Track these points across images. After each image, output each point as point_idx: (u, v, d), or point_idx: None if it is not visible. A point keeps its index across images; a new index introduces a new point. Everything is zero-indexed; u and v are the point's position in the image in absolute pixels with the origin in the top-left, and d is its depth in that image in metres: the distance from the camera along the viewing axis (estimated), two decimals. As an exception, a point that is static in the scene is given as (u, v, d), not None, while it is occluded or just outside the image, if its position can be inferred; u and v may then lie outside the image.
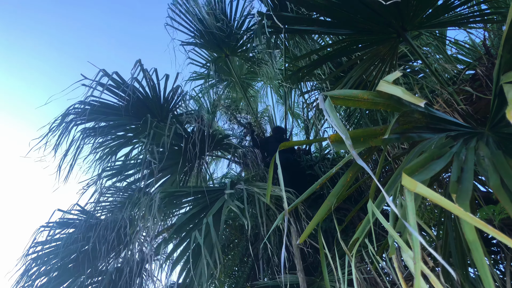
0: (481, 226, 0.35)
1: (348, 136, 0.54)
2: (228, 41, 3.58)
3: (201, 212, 2.31)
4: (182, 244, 2.20)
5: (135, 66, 2.79)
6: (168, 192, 2.32)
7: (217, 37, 3.52)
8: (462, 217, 0.36)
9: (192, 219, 2.26)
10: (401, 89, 0.66)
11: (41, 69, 7.24)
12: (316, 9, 1.93)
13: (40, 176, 2.98)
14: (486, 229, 0.34)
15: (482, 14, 1.89)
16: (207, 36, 3.50)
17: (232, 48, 3.67)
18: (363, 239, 0.74)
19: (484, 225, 0.34)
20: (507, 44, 0.87)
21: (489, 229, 0.34)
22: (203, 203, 2.34)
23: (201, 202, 2.35)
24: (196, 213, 2.29)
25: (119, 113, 2.83)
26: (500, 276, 2.02)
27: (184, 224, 2.20)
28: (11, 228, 7.79)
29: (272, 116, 4.61)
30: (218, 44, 3.61)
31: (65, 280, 2.91)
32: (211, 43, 3.62)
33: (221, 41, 3.58)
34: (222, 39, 3.55)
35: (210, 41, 3.59)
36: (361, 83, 2.28)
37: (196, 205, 2.36)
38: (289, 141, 0.85)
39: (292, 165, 3.17)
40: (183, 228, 2.22)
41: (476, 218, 0.35)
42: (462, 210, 0.35)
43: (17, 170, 4.95)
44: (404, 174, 0.47)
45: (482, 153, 0.72)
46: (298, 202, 0.95)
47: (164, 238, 2.26)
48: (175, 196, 2.38)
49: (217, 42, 3.58)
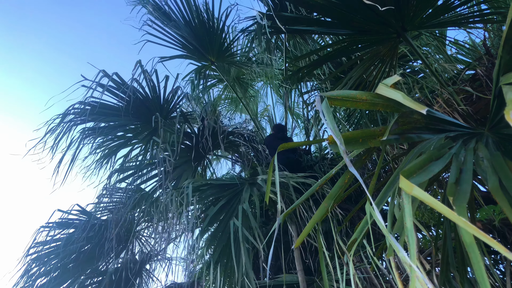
0: (476, 233, 0.35)
1: (343, 141, 0.54)
2: (212, 48, 3.47)
3: (228, 203, 2.38)
4: (218, 234, 2.26)
5: (135, 67, 2.79)
6: (195, 186, 2.38)
7: (197, 47, 3.41)
8: (457, 222, 0.36)
9: (222, 210, 2.32)
10: (401, 94, 0.66)
11: (41, 69, 7.25)
12: (316, 9, 1.93)
13: (40, 176, 2.98)
14: (481, 236, 0.34)
15: (482, 14, 1.89)
16: (189, 46, 3.40)
17: (217, 54, 3.56)
18: (361, 240, 0.74)
19: (478, 231, 0.34)
20: (506, 45, 0.86)
21: (484, 236, 0.34)
22: (227, 195, 2.41)
23: (226, 194, 2.42)
24: (224, 204, 2.35)
25: (119, 113, 2.84)
26: (500, 276, 2.02)
27: (215, 215, 2.26)
28: (11, 228, 7.80)
29: (272, 116, 4.62)
30: (201, 53, 3.49)
31: (65, 280, 2.91)
32: (193, 53, 3.52)
33: (204, 49, 3.47)
34: (205, 47, 3.44)
35: (192, 51, 3.49)
36: (361, 83, 2.28)
37: (222, 197, 2.43)
38: (288, 143, 0.85)
39: (294, 164, 3.17)
40: (215, 219, 2.28)
41: (470, 224, 0.35)
42: (457, 216, 0.35)
43: (17, 170, 4.95)
44: (402, 177, 0.47)
45: (481, 154, 0.72)
46: (296, 204, 0.95)
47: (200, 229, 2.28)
48: (201, 190, 2.45)
49: (199, 51, 3.47)
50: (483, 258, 1.20)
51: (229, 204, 2.36)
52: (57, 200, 6.72)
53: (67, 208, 3.22)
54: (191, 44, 3.40)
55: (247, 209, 2.06)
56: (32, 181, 7.06)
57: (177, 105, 3.14)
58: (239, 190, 2.42)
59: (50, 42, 7.26)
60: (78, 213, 3.26)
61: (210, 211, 2.26)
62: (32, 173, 4.16)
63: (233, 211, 2.27)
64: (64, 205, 4.91)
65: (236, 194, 2.41)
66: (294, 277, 2.21)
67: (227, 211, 2.32)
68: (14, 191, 5.97)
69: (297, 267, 2.11)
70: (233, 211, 2.27)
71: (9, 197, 6.23)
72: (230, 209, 2.32)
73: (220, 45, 3.48)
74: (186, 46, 3.45)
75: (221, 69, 3.84)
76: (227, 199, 2.38)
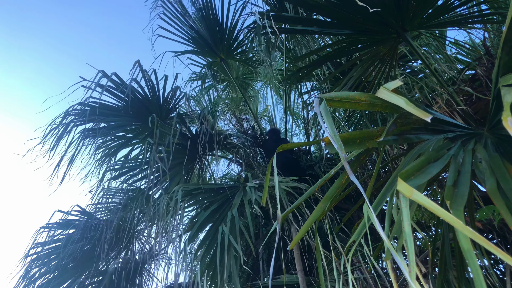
0: (475, 237, 0.34)
1: (341, 143, 0.54)
2: (222, 45, 3.53)
3: (220, 208, 2.33)
4: (207, 240, 2.21)
5: (134, 67, 2.79)
6: (186, 191, 2.34)
7: (209, 42, 3.47)
8: (456, 227, 0.36)
9: (213, 215, 2.27)
10: (404, 100, 0.65)
11: (40, 69, 7.25)
12: (316, 9, 1.92)
13: (40, 177, 2.98)
14: (479, 240, 0.34)
15: (482, 15, 1.89)
16: (200, 41, 3.46)
17: (227, 51, 3.62)
18: (359, 241, 0.74)
19: (478, 236, 0.34)
20: (505, 46, 0.86)
21: (483, 241, 0.34)
22: (220, 200, 2.36)
23: (218, 198, 2.37)
24: (216, 209, 2.30)
25: (118, 113, 2.84)
26: (500, 276, 2.02)
27: (205, 220, 2.22)
28: (11, 229, 7.81)
29: (272, 116, 4.61)
30: (211, 48, 3.55)
31: (65, 280, 2.92)
32: (204, 49, 3.57)
33: (214, 46, 3.53)
34: (216, 43, 3.50)
35: (203, 47, 3.54)
36: (361, 83, 2.27)
37: (214, 201, 2.37)
38: (287, 144, 0.85)
39: (292, 165, 3.16)
40: (205, 224, 2.24)
41: (470, 229, 0.35)
42: (456, 220, 0.35)
43: (17, 170, 4.96)
44: (400, 179, 0.47)
45: (479, 155, 0.72)
46: (295, 205, 0.95)
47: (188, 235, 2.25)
48: (193, 194, 2.40)
49: (210, 47, 3.53)
50: (485, 256, 1.20)
51: (220, 209, 2.31)
52: (57, 201, 6.72)
53: (67, 209, 3.23)
54: (202, 39, 3.45)
55: (235, 215, 2.01)
56: (32, 182, 7.07)
57: (176, 105, 3.14)
58: (232, 194, 2.36)
59: (50, 42, 7.26)
60: (78, 214, 3.27)
61: (200, 217, 2.21)
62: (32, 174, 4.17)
63: (224, 217, 2.22)
64: (64, 205, 4.91)
65: (228, 198, 2.36)
66: (294, 278, 2.22)
67: (218, 217, 2.27)
68: (14, 191, 5.97)
69: (297, 267, 2.11)
70: (224, 217, 2.23)
71: (9, 197, 6.24)
72: (222, 214, 2.27)
73: (231, 41, 3.52)
74: (196, 41, 3.50)
75: (228, 67, 3.86)
76: (219, 203, 2.33)
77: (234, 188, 2.45)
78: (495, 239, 1.85)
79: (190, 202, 2.37)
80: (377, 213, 0.68)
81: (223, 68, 3.87)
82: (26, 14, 6.73)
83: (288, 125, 3.98)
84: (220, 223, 2.15)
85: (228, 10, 3.38)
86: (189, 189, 2.36)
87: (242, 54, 3.74)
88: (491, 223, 1.90)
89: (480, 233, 1.86)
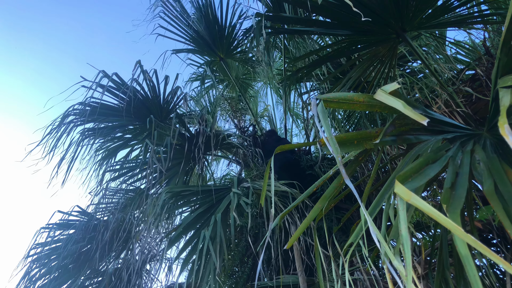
0: (473, 243, 0.34)
1: (337, 148, 0.54)
2: (222, 44, 3.53)
3: (208, 211, 2.29)
4: (190, 244, 2.17)
5: (135, 67, 2.79)
6: (174, 192, 2.31)
7: (208, 41, 3.48)
8: (454, 232, 0.36)
9: (199, 218, 2.24)
10: (402, 102, 0.65)
11: (41, 69, 7.26)
12: (315, 9, 1.92)
13: (40, 177, 2.98)
14: (477, 246, 0.34)
15: (482, 15, 1.88)
16: (200, 40, 3.46)
17: (226, 50, 3.62)
18: (358, 243, 0.74)
19: (476, 242, 0.34)
20: (504, 47, 0.86)
21: (481, 246, 0.34)
22: (209, 202, 2.32)
23: (208, 201, 2.33)
24: (203, 212, 2.26)
25: (119, 114, 2.84)
26: (500, 276, 2.01)
27: (191, 223, 2.18)
28: (11, 229, 7.82)
29: (272, 116, 4.61)
30: (210, 48, 3.55)
31: (66, 281, 2.92)
32: (203, 48, 3.58)
33: (213, 45, 3.53)
34: (215, 42, 3.50)
35: (202, 46, 3.54)
36: (360, 83, 2.27)
37: (202, 204, 2.33)
38: (285, 144, 0.85)
39: (292, 165, 3.16)
40: (191, 227, 2.20)
41: (468, 234, 0.35)
42: (454, 225, 0.35)
43: (17, 170, 4.96)
44: (397, 182, 0.47)
45: (478, 156, 0.71)
46: (294, 205, 0.95)
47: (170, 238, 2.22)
48: (181, 196, 2.37)
49: (209, 46, 3.53)
50: (481, 260, 1.20)
51: (208, 212, 2.27)
52: (57, 201, 6.73)
53: (67, 209, 3.23)
54: (202, 38, 3.45)
55: (218, 220, 1.97)
56: (32, 182, 7.08)
57: (177, 106, 3.14)
58: (221, 197, 2.33)
59: (50, 42, 7.27)
60: (78, 214, 3.27)
61: (184, 220, 2.18)
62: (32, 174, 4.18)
63: (208, 221, 2.17)
64: (64, 206, 4.91)
65: (219, 201, 2.32)
66: (294, 278, 2.21)
67: (205, 221, 2.23)
68: (14, 191, 5.98)
69: (297, 267, 2.11)
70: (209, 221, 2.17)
71: (9, 198, 6.24)
72: (209, 218, 2.22)
73: (230, 40, 3.52)
74: (196, 41, 3.50)
75: (227, 67, 3.86)
76: (207, 206, 2.29)
77: (226, 190, 2.39)
78: (495, 239, 1.85)
79: (179, 203, 2.34)
80: (375, 214, 0.68)
81: (223, 67, 3.86)
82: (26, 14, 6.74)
83: (288, 125, 3.98)
84: (205, 227, 2.11)
85: (227, 9, 3.39)
86: (177, 191, 2.32)
87: (241, 54, 3.74)
88: (491, 223, 1.90)
89: (480, 233, 1.86)
